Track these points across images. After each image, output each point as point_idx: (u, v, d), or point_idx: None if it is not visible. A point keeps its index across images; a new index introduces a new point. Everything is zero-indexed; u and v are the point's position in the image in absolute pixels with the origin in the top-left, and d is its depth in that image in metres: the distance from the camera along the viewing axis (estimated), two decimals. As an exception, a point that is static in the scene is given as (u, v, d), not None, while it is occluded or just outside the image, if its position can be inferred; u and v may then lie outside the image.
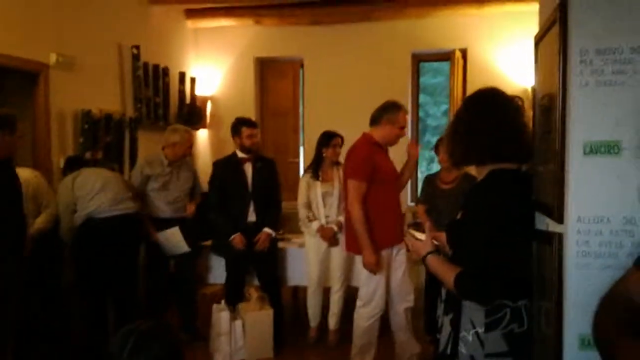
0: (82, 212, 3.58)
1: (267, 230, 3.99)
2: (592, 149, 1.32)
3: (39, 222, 3.48)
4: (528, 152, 1.69)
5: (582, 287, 1.34)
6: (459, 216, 1.79)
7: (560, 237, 1.39)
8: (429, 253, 1.77)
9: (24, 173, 3.39)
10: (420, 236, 1.88)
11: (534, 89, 1.75)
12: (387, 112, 3.32)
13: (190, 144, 4.16)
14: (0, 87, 4.17)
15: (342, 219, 3.98)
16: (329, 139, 4.12)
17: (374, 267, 3.16)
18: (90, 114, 4.33)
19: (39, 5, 3.98)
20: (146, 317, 4.05)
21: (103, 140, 4.49)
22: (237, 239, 3.91)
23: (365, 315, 3.30)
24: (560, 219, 1.38)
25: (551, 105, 1.48)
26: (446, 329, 1.75)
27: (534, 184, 1.67)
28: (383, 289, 3.27)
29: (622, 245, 1.32)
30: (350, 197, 3.22)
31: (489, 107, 1.70)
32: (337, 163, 4.15)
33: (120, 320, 3.74)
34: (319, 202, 4.08)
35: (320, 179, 4.11)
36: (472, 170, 2.04)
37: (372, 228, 3.17)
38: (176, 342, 1.34)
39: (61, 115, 4.19)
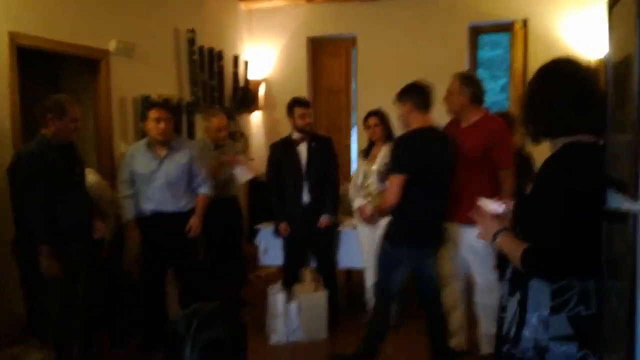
0: None
1: (324, 218, 3.98)
2: (673, 120, 1.21)
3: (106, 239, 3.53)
4: (605, 124, 1.58)
5: (660, 268, 1.25)
6: (527, 190, 1.71)
7: (635, 215, 1.29)
8: (499, 231, 1.69)
9: (89, 176, 3.51)
10: (492, 205, 1.79)
11: (607, 57, 1.63)
12: None
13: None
14: (63, 74, 4.35)
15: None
16: (365, 120, 4.10)
17: None
18: (150, 99, 4.43)
19: (97, -6, 4.09)
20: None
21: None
22: (282, 227, 4.01)
23: None
24: (635, 196, 1.28)
25: (627, 73, 1.37)
26: (511, 310, 1.69)
27: (607, 158, 1.56)
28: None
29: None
30: None
31: (566, 77, 1.61)
32: (389, 138, 3.99)
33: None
34: (358, 181, 4.05)
35: (369, 157, 4.07)
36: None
37: None
38: (239, 324, 1.36)
39: (122, 101, 4.32)
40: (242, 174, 4.32)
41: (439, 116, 3.52)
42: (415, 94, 3.13)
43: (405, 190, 2.97)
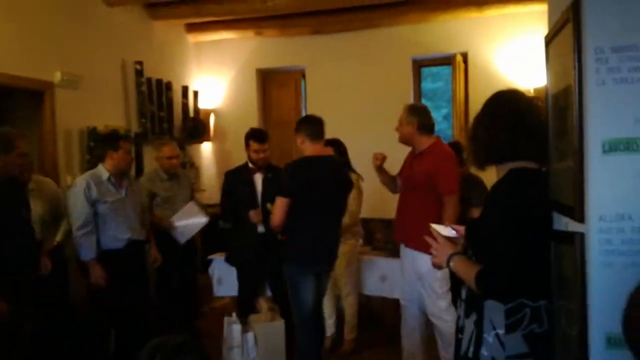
0: None
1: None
2: (611, 147, 1.31)
3: (59, 237, 3.64)
4: (547, 151, 1.69)
5: (607, 286, 1.33)
6: (477, 215, 1.79)
7: (582, 236, 1.38)
8: (452, 255, 1.76)
9: (49, 181, 3.70)
10: (444, 230, 1.86)
11: (546, 89, 1.75)
12: None
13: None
14: (7, 107, 4.21)
15: (346, 219, 4.00)
16: None
17: None
18: (96, 131, 4.35)
19: (42, 25, 4.02)
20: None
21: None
22: (252, 213, 3.88)
23: None
24: (581, 219, 1.37)
25: (567, 104, 1.47)
26: (468, 331, 1.75)
27: (550, 184, 1.67)
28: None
29: (645, 242, 1.31)
30: None
31: (508, 107, 1.72)
32: (347, 169, 4.10)
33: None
34: None
35: None
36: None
37: None
38: (204, 357, 1.33)
39: (67, 133, 4.22)
40: (180, 236, 4.22)
41: (394, 144, 3.65)
42: (309, 126, 3.33)
43: (294, 212, 3.17)
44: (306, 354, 3.41)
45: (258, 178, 4.02)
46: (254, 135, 4.01)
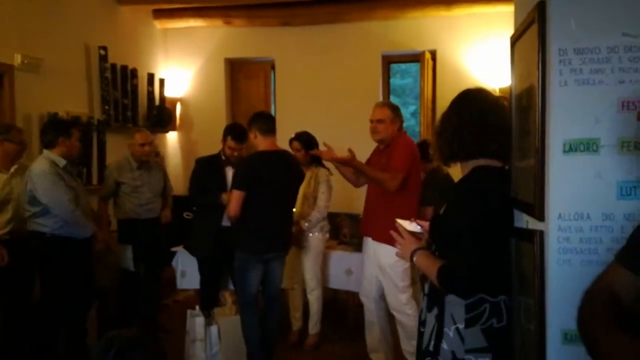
0: None
1: None
2: (572, 147, 1.34)
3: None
4: (510, 150, 1.72)
5: (564, 283, 1.36)
6: (441, 210, 1.81)
7: (541, 234, 1.41)
8: (416, 250, 1.78)
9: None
10: (409, 226, 1.87)
11: (510, 88, 1.78)
12: None
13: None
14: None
15: (314, 214, 4.03)
16: (289, 144, 4.11)
17: None
18: (57, 117, 4.22)
19: (2, 4, 3.86)
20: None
21: (70, 143, 4.37)
22: (224, 195, 3.78)
23: None
24: (541, 217, 1.40)
25: (529, 104, 1.50)
26: (430, 325, 1.77)
27: (512, 182, 1.69)
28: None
29: (601, 240, 1.34)
30: None
31: (475, 105, 1.74)
32: (315, 162, 4.12)
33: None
34: None
35: None
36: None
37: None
38: (160, 351, 1.31)
39: (27, 118, 4.08)
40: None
41: (362, 137, 3.64)
42: (260, 121, 3.43)
43: (246, 203, 3.29)
44: (249, 337, 3.50)
45: (229, 171, 3.96)
46: (233, 133, 3.91)
